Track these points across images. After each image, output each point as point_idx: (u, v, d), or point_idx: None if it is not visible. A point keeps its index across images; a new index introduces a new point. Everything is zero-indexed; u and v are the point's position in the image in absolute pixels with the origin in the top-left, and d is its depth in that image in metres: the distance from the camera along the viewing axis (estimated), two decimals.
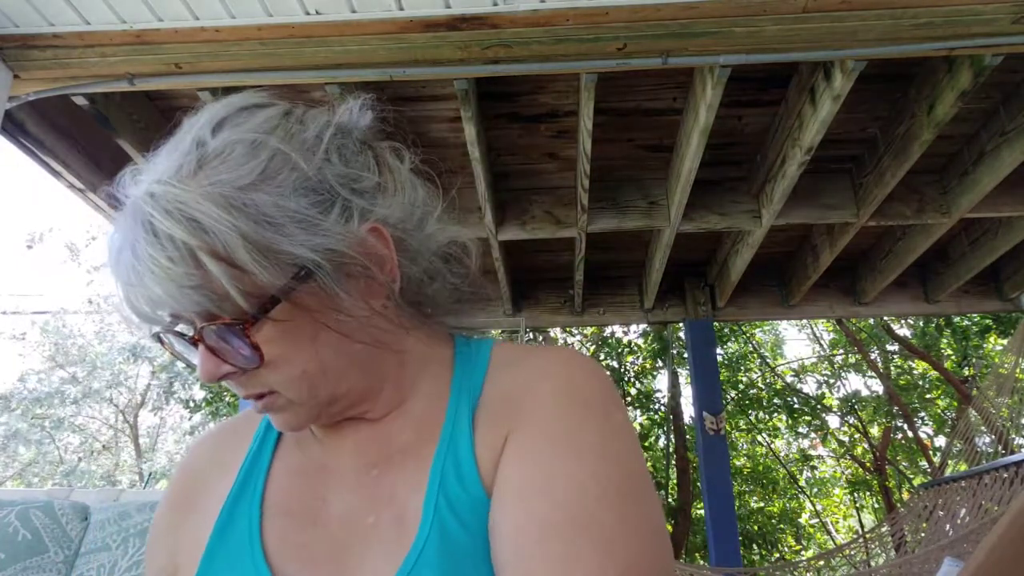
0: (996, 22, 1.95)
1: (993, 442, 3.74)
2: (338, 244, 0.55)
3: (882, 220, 3.16)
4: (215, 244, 0.51)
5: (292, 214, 0.54)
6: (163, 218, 0.51)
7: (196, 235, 0.50)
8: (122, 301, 0.54)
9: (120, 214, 0.55)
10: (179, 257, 0.50)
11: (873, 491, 9.06)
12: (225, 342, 0.54)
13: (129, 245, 0.52)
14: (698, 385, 4.16)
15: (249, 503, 0.63)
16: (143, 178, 0.55)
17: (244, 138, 0.55)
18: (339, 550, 0.58)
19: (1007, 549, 0.74)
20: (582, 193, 2.98)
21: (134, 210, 0.53)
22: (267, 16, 1.99)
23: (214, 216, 0.51)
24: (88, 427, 11.76)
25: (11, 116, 2.27)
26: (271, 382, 0.57)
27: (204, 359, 0.55)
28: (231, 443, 0.70)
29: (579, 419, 0.57)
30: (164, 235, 0.51)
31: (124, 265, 0.53)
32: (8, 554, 1.33)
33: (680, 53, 2.03)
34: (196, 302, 0.52)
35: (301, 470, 0.65)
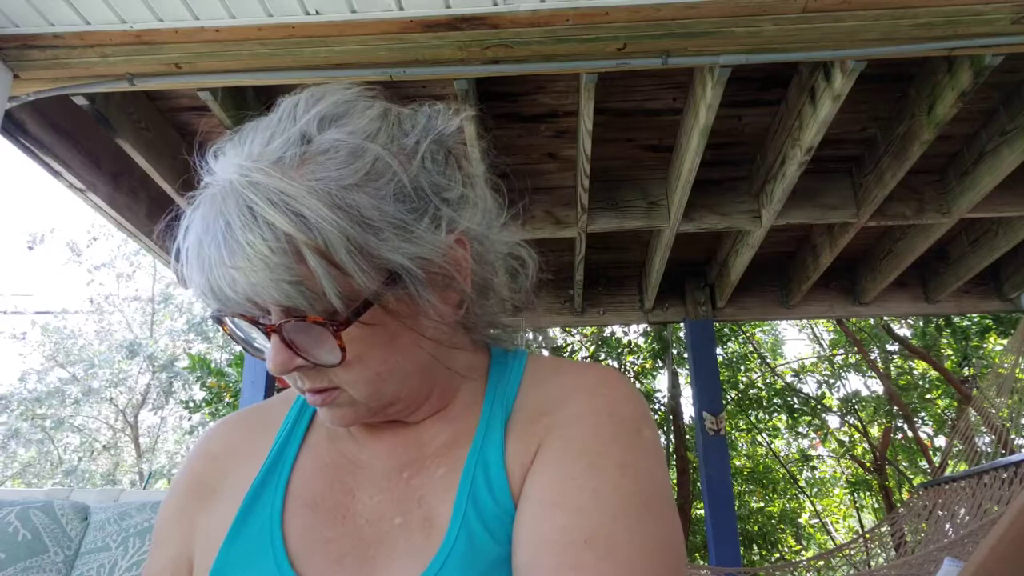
0: (996, 22, 1.95)
1: (993, 442, 3.74)
2: (428, 252, 0.55)
3: (882, 220, 3.16)
4: (319, 241, 0.50)
5: (390, 219, 0.54)
6: (268, 208, 0.50)
7: (302, 230, 0.49)
8: (202, 280, 0.53)
9: (209, 192, 0.53)
10: (281, 249, 0.49)
11: (873, 491, 9.06)
12: (307, 337, 0.54)
13: (222, 226, 0.51)
14: (698, 385, 4.16)
15: (273, 493, 0.62)
16: (236, 160, 0.54)
17: (350, 139, 0.55)
18: (365, 548, 0.58)
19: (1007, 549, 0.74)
20: (582, 193, 2.98)
21: (229, 192, 0.51)
22: (267, 16, 1.99)
23: (320, 213, 0.50)
24: (88, 427, 11.76)
25: (11, 116, 2.27)
26: (341, 379, 0.57)
27: (279, 351, 0.54)
28: (254, 431, 0.69)
29: (608, 434, 0.58)
30: (266, 225, 0.50)
31: (213, 245, 0.51)
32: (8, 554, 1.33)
33: (680, 53, 2.03)
34: (289, 296, 0.51)
35: (331, 465, 0.65)
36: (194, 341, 10.74)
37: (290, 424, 0.68)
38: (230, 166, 0.54)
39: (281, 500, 0.61)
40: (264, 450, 0.66)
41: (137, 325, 11.44)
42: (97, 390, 10.93)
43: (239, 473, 0.65)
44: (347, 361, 0.54)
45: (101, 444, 11.87)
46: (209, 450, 0.69)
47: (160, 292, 11.40)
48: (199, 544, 0.63)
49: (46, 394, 10.71)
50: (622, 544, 0.51)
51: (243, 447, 0.68)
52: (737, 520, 4.33)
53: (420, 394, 0.63)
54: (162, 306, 11.41)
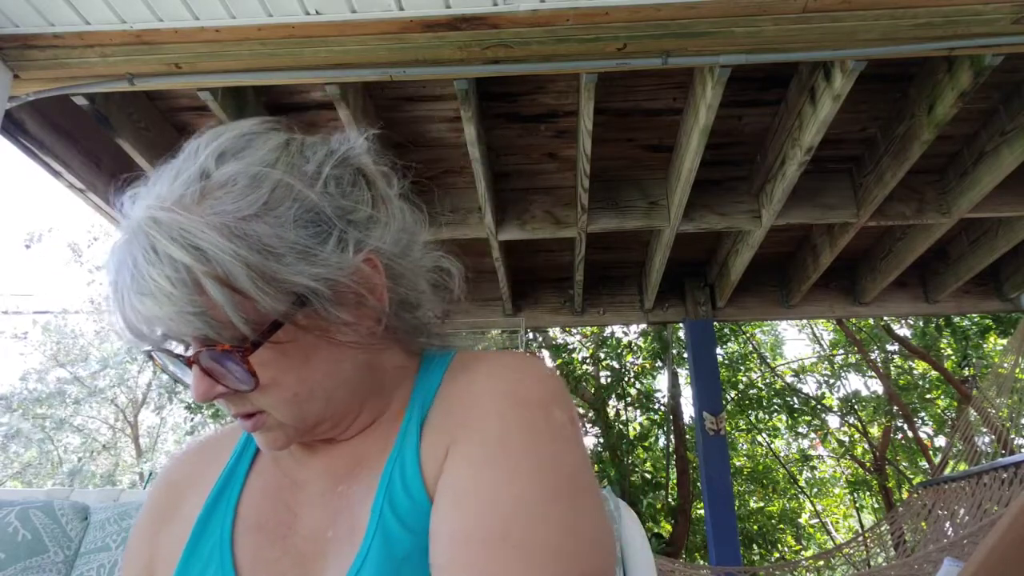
0: (996, 22, 1.95)
1: (993, 442, 3.74)
2: (334, 273, 0.57)
3: (882, 220, 3.16)
4: (218, 270, 0.52)
5: (291, 245, 0.55)
6: (167, 243, 0.52)
7: (200, 261, 0.52)
8: (119, 318, 0.55)
9: (121, 235, 0.56)
10: (181, 281, 0.52)
11: (873, 491, 9.06)
12: (221, 365, 0.56)
13: (130, 266, 0.53)
14: (698, 385, 4.16)
15: (222, 517, 0.64)
16: (144, 201, 0.57)
17: (247, 171, 0.57)
18: (304, 564, 0.60)
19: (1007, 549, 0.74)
20: (582, 193, 2.98)
21: (136, 233, 0.54)
22: (267, 16, 1.99)
23: (217, 244, 0.52)
24: (88, 427, 11.76)
25: (11, 116, 2.27)
26: (262, 403, 0.59)
27: (199, 380, 0.56)
28: (210, 457, 0.72)
29: (516, 422, 0.57)
30: (167, 259, 0.52)
31: (123, 284, 0.54)
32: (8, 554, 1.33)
33: (680, 53, 2.03)
34: (195, 327, 0.53)
35: (275, 486, 0.67)
36: None
37: (239, 449, 0.71)
38: (139, 207, 0.56)
39: (231, 523, 0.64)
40: (216, 475, 0.69)
41: None
42: (102, 390, 10.93)
43: (194, 498, 0.68)
44: (261, 385, 0.56)
45: (101, 444, 11.87)
46: (170, 476, 0.72)
47: None
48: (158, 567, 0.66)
49: (47, 394, 10.71)
50: (539, 537, 0.50)
51: (198, 474, 0.70)
52: (737, 520, 4.33)
53: (349, 410, 0.64)
54: None
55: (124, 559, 0.71)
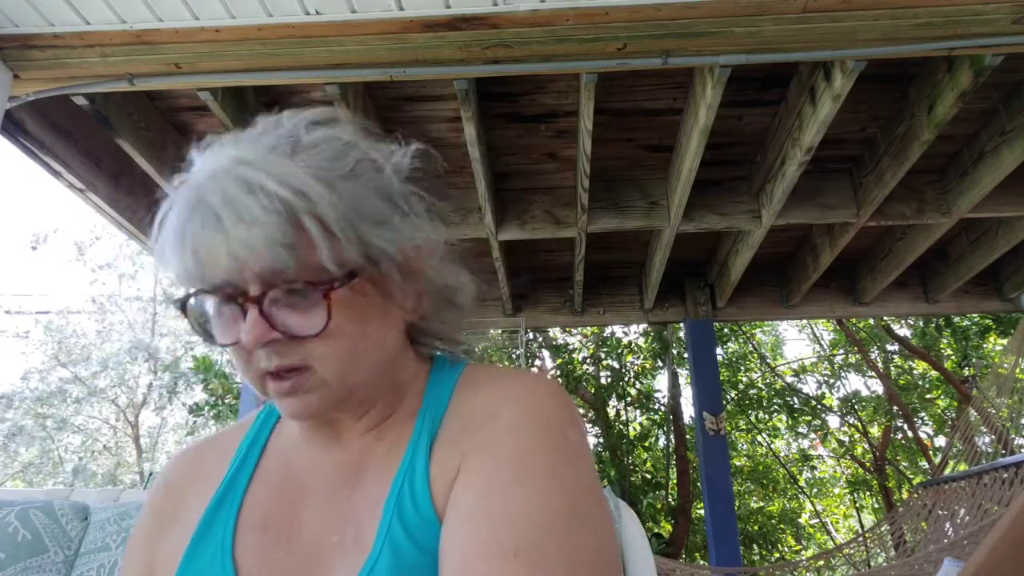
0: (996, 22, 1.95)
1: (993, 442, 3.74)
2: (398, 249, 0.60)
3: (882, 220, 3.16)
4: (316, 209, 0.55)
5: (371, 210, 0.59)
6: (266, 179, 0.54)
7: (299, 198, 0.54)
8: (185, 253, 0.55)
9: (195, 179, 0.56)
10: (277, 212, 0.53)
11: (873, 491, 9.06)
12: (290, 307, 0.56)
13: (218, 199, 0.54)
14: (698, 385, 4.16)
15: (226, 516, 0.64)
16: (227, 152, 0.57)
17: (338, 136, 0.61)
18: (307, 566, 0.60)
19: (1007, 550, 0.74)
20: (582, 193, 2.98)
21: (224, 172, 0.55)
22: (267, 16, 1.99)
23: (316, 189, 0.55)
24: (89, 427, 11.76)
25: (11, 116, 2.27)
26: (316, 354, 0.57)
27: (256, 323, 0.55)
28: (212, 457, 0.71)
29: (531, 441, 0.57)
30: (263, 192, 0.53)
31: (204, 217, 0.54)
32: (8, 554, 1.33)
33: (680, 53, 2.03)
34: (281, 260, 0.54)
35: (281, 486, 0.66)
36: (197, 342, 10.74)
37: (245, 449, 0.70)
38: (219, 157, 0.57)
39: (233, 524, 0.63)
40: (219, 477, 0.68)
41: (139, 325, 11.44)
42: (103, 390, 10.93)
43: (194, 501, 0.67)
44: (327, 330, 0.56)
45: (102, 444, 11.87)
46: (170, 478, 0.72)
47: (162, 292, 11.40)
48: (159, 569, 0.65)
49: (48, 394, 10.71)
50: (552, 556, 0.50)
51: (198, 475, 0.70)
52: (737, 520, 4.33)
53: (377, 390, 0.64)
54: (163, 306, 11.42)
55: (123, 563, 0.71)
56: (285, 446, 0.70)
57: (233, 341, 0.57)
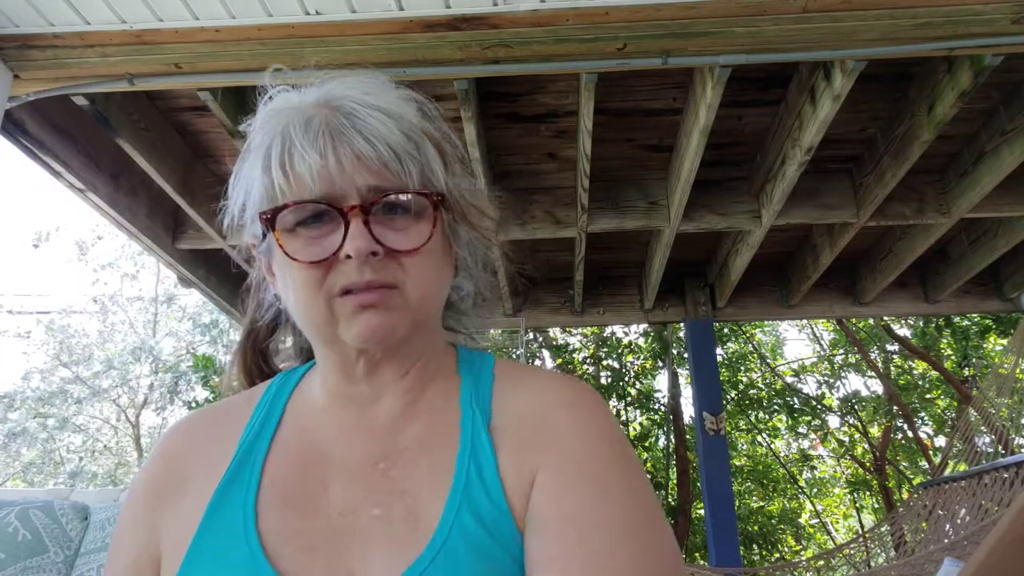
0: (996, 22, 1.95)
1: (993, 442, 3.74)
2: (459, 198, 0.67)
3: (882, 220, 3.16)
4: (430, 132, 0.64)
5: (448, 157, 0.66)
6: (386, 102, 0.62)
7: (415, 122, 0.63)
8: (279, 166, 0.59)
9: (298, 103, 0.64)
10: (399, 128, 0.60)
11: (873, 491, 9.06)
12: (391, 223, 0.60)
13: (334, 115, 0.60)
14: (698, 385, 4.16)
15: (245, 489, 0.62)
16: (330, 85, 0.65)
17: (414, 97, 0.68)
18: (338, 539, 0.58)
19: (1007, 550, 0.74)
20: (582, 193, 2.98)
21: (336, 96, 0.62)
22: (267, 16, 1.99)
23: (422, 120, 0.65)
24: (90, 427, 11.77)
25: (11, 116, 2.27)
26: (407, 274, 0.60)
27: (363, 233, 0.57)
28: (216, 430, 0.69)
29: (605, 455, 0.61)
30: (384, 111, 0.61)
31: (317, 128, 0.59)
32: (8, 554, 1.33)
33: (680, 53, 2.03)
34: (398, 169, 0.59)
35: (302, 458, 0.65)
36: (199, 342, 10.75)
37: (259, 420, 0.68)
38: (327, 87, 0.65)
39: (254, 495, 0.61)
40: (229, 447, 0.66)
41: (140, 325, 11.45)
42: (104, 390, 10.93)
43: (204, 470, 0.65)
44: (425, 247, 0.60)
45: (103, 444, 11.87)
46: (171, 450, 0.69)
47: (164, 293, 11.40)
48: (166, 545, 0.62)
49: (49, 394, 10.71)
50: (635, 561, 0.54)
51: (206, 445, 0.67)
52: (737, 520, 4.33)
53: (428, 341, 0.68)
54: (165, 307, 11.42)
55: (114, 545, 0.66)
56: (305, 417, 0.68)
57: (320, 258, 0.58)
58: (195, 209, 3.01)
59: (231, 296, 4.03)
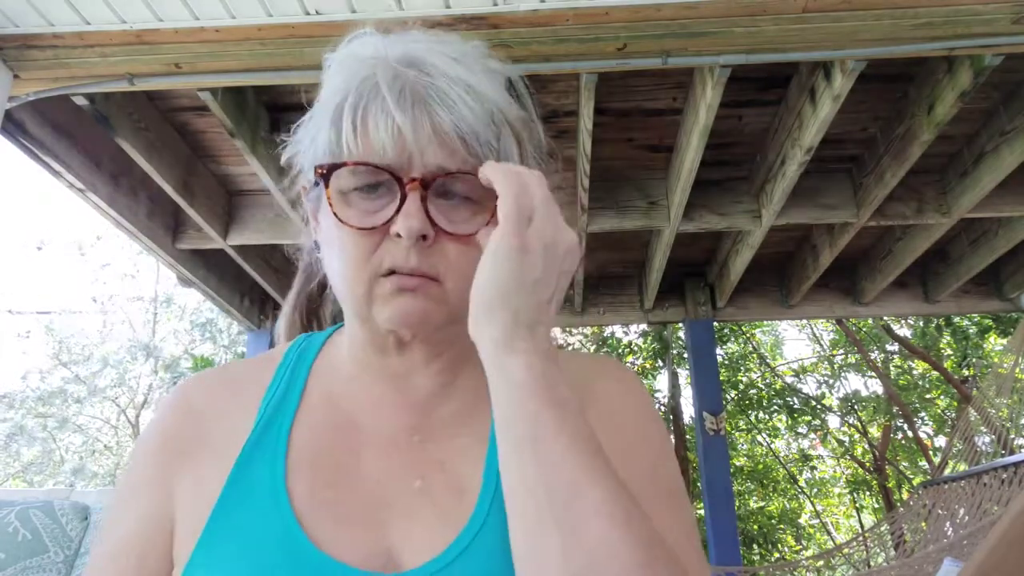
0: (996, 22, 1.95)
1: (993, 442, 3.74)
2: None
3: (882, 220, 3.16)
4: (510, 118, 0.61)
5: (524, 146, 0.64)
6: (475, 77, 0.59)
7: (500, 105, 0.60)
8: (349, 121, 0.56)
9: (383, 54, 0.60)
10: (482, 107, 0.58)
11: (873, 491, 9.06)
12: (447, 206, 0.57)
13: (420, 79, 0.56)
14: (698, 385, 4.16)
15: (272, 452, 0.59)
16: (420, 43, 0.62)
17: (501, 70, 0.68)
18: (374, 508, 0.57)
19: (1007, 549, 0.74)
20: (582, 193, 2.98)
21: (425, 60, 0.58)
22: (267, 16, 1.99)
23: (509, 103, 0.63)
24: (90, 427, 11.77)
25: (11, 116, 2.27)
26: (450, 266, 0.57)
27: (418, 211, 0.54)
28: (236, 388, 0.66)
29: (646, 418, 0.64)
30: (471, 87, 0.58)
31: (399, 91, 0.56)
32: (8, 554, 1.33)
33: (680, 53, 2.03)
34: (490, 145, 0.57)
35: (331, 425, 0.63)
36: (198, 342, 10.76)
37: (283, 384, 0.65)
38: (414, 45, 0.62)
39: (283, 459, 0.59)
40: (251, 408, 0.63)
41: (140, 325, 11.45)
42: (102, 389, 10.93)
43: (224, 430, 0.62)
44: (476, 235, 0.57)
45: (103, 444, 11.87)
46: (187, 405, 0.65)
47: (163, 293, 11.41)
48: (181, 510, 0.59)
49: (49, 393, 10.71)
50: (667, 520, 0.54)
51: (226, 404, 0.64)
52: (737, 520, 4.33)
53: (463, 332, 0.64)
54: (164, 306, 11.42)
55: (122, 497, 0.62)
56: (331, 384, 0.65)
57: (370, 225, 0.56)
58: (195, 209, 3.01)
59: (231, 296, 4.03)
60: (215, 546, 0.55)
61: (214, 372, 0.69)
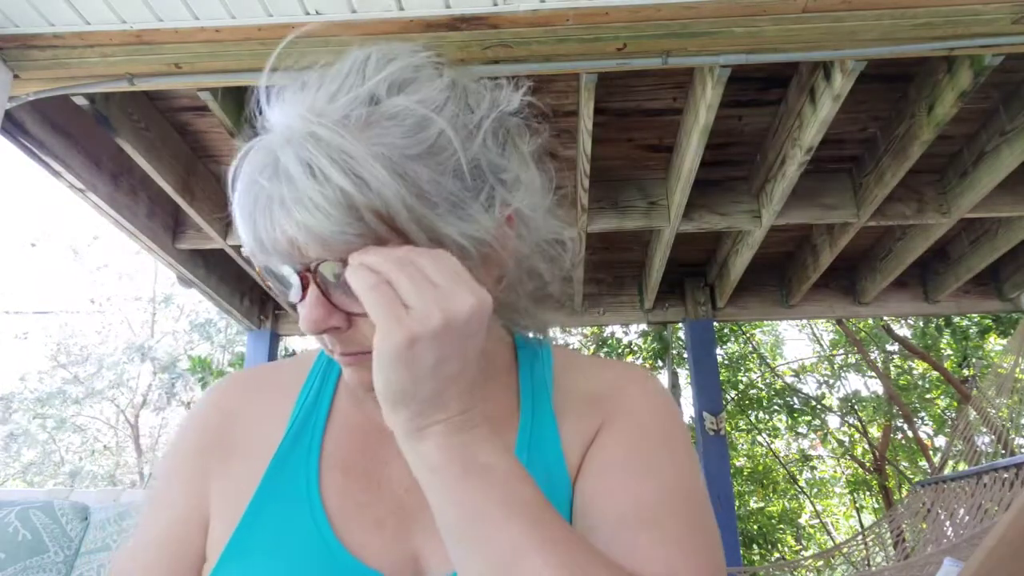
0: (996, 22, 1.95)
1: (993, 442, 3.74)
2: (480, 231, 0.54)
3: (882, 220, 3.16)
4: (377, 204, 0.49)
5: (447, 195, 0.52)
6: (328, 164, 0.48)
7: (363, 192, 0.48)
8: (249, 228, 0.52)
9: (266, 140, 0.52)
10: (337, 202, 0.48)
11: (873, 491, 9.06)
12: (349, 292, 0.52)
13: (282, 178, 0.50)
14: (698, 385, 4.16)
15: (306, 456, 0.60)
16: (297, 109, 0.52)
17: (417, 110, 0.53)
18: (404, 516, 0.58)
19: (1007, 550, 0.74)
20: (582, 193, 2.98)
21: (290, 143, 0.50)
22: (267, 16, 1.99)
23: (381, 178, 0.49)
24: (89, 427, 11.77)
25: (11, 116, 2.27)
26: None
27: (315, 304, 0.51)
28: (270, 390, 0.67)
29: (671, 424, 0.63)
30: (325, 181, 0.48)
31: (266, 194, 0.50)
32: (8, 554, 1.33)
33: (680, 53, 2.03)
34: (337, 246, 0.50)
35: (360, 431, 0.63)
36: (196, 342, 10.75)
37: (315, 387, 0.66)
38: (291, 115, 0.52)
39: (316, 463, 0.60)
40: (284, 410, 0.64)
41: (138, 326, 11.45)
42: (101, 390, 10.93)
43: (258, 432, 0.63)
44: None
45: (103, 444, 11.87)
46: (224, 405, 0.66)
47: (161, 293, 11.41)
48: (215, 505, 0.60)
49: (47, 394, 10.71)
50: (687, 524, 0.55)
51: (261, 405, 0.65)
52: (737, 520, 4.33)
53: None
54: (163, 306, 11.42)
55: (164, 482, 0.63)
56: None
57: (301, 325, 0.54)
58: (195, 209, 3.01)
59: (231, 296, 4.03)
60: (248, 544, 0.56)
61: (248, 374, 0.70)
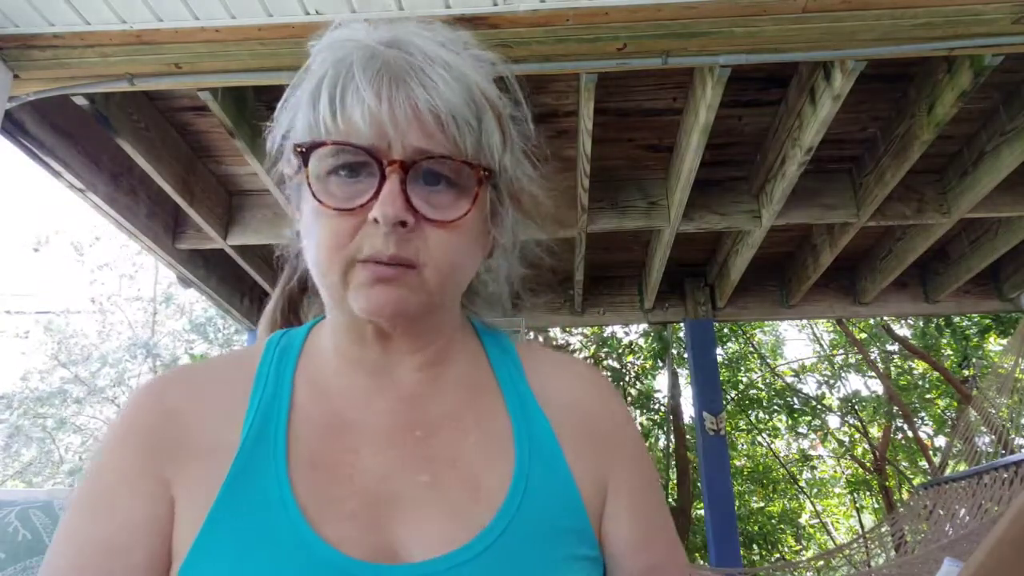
0: (996, 22, 1.95)
1: (993, 442, 3.74)
2: (514, 179, 0.63)
3: (882, 220, 3.16)
4: (495, 104, 0.59)
5: (508, 133, 0.62)
6: (459, 60, 0.57)
7: (484, 91, 0.58)
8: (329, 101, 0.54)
9: (364, 39, 0.57)
10: (466, 90, 0.56)
11: (873, 491, 9.06)
12: (428, 190, 0.55)
13: (403, 60, 0.55)
14: (698, 385, 4.16)
15: (272, 454, 0.58)
16: (407, 27, 0.59)
17: (489, 59, 0.64)
18: (378, 505, 0.56)
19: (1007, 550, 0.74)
20: (582, 193, 2.98)
21: (409, 43, 0.56)
22: (267, 16, 1.99)
23: (493, 89, 0.60)
24: (89, 427, 11.77)
25: (11, 116, 2.27)
26: (430, 251, 0.55)
27: (396, 195, 0.53)
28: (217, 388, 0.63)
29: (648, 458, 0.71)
30: (456, 70, 0.56)
31: (379, 71, 0.54)
32: (8, 554, 1.33)
33: (680, 53, 2.03)
34: (456, 133, 0.54)
35: (323, 424, 0.61)
36: (196, 342, 10.75)
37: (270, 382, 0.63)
38: (401, 29, 0.58)
39: (284, 462, 0.57)
40: (236, 408, 0.60)
41: (139, 325, 11.45)
42: (101, 389, 10.92)
43: (212, 431, 0.59)
44: (462, 221, 0.56)
45: None
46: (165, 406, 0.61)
47: (162, 293, 11.41)
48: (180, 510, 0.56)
49: (47, 394, 10.71)
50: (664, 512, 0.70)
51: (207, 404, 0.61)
52: (737, 520, 4.33)
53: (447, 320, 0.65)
54: (163, 306, 11.42)
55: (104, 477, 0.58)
56: (318, 380, 0.63)
57: (347, 206, 0.54)
58: (195, 209, 3.01)
59: (231, 296, 4.03)
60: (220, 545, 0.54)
61: (186, 371, 0.65)
